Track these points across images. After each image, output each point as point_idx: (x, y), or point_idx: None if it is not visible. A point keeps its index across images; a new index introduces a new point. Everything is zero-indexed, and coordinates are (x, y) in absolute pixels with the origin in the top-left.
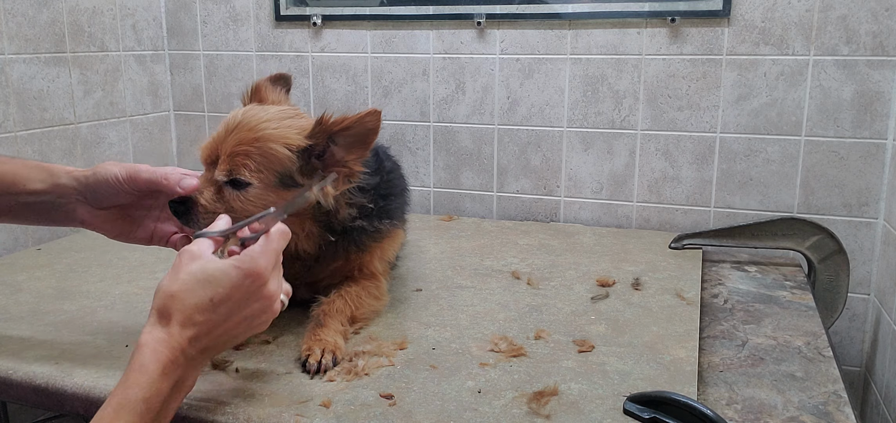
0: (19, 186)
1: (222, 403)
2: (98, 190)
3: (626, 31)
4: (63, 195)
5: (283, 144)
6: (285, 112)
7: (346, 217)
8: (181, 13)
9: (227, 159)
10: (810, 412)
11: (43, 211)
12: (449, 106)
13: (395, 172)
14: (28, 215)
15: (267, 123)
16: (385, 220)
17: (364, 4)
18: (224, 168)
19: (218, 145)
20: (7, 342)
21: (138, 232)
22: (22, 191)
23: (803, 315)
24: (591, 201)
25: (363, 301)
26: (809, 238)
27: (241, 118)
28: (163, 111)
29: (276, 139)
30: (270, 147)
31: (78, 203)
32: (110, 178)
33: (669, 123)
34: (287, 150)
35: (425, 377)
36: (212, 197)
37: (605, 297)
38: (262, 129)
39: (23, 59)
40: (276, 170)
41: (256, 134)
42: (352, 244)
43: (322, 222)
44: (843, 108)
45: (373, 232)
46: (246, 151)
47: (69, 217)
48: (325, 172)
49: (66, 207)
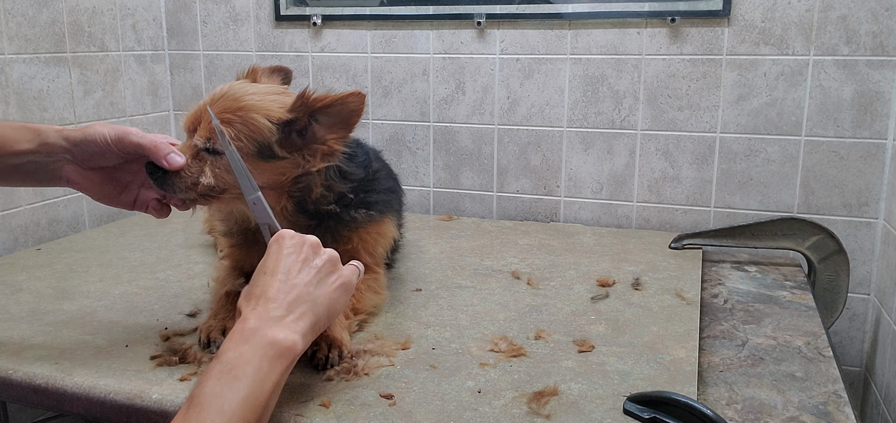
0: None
1: None
2: (86, 149)
3: (626, 31)
4: (51, 154)
5: (264, 115)
6: (273, 89)
7: (321, 199)
8: (181, 13)
9: (208, 126)
10: (810, 412)
11: (29, 172)
12: (449, 106)
13: (383, 172)
14: (13, 176)
15: (251, 95)
16: (361, 210)
17: (364, 4)
18: (204, 134)
19: (201, 113)
20: (7, 342)
21: (123, 196)
22: (8, 153)
23: (803, 315)
24: (591, 201)
25: (364, 294)
26: (809, 238)
27: (226, 89)
28: (163, 111)
29: (258, 110)
30: (251, 117)
31: (65, 162)
32: (98, 138)
33: (669, 123)
34: (267, 121)
35: (425, 376)
36: (190, 162)
37: (605, 297)
38: (246, 100)
39: (23, 60)
40: (255, 139)
41: (239, 104)
42: (328, 235)
43: (296, 198)
44: (843, 108)
45: (348, 221)
46: (227, 119)
47: (56, 176)
48: (306, 150)
49: (53, 167)
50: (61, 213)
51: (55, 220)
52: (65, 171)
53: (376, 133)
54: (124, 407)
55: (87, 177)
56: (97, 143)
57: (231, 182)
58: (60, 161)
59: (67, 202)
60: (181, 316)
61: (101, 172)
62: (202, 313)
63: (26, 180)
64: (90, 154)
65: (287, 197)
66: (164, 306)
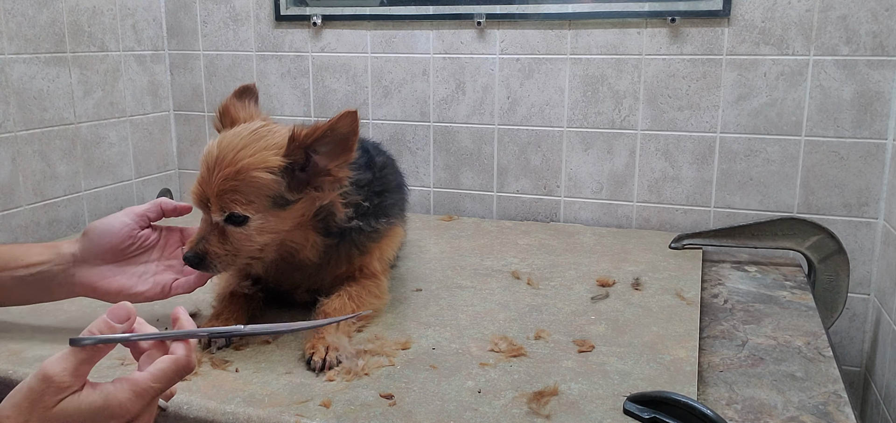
0: (18, 261)
1: (222, 403)
2: (94, 236)
3: (626, 31)
4: (61, 262)
5: (264, 169)
6: (257, 133)
7: (343, 218)
8: (181, 13)
9: (217, 199)
10: (810, 412)
11: (41, 283)
12: (449, 106)
13: (389, 167)
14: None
15: (243, 151)
16: (382, 219)
17: (364, 4)
18: (217, 209)
19: (205, 188)
20: (7, 342)
21: (139, 286)
22: (20, 265)
23: (803, 315)
24: (591, 201)
25: (364, 300)
26: (809, 238)
27: (216, 153)
28: (163, 111)
29: (256, 166)
30: (253, 176)
31: (76, 266)
32: (107, 220)
33: (669, 123)
34: (269, 174)
35: (425, 376)
36: (218, 241)
37: (605, 297)
38: (240, 159)
39: (23, 60)
40: (266, 195)
41: (236, 167)
42: (353, 248)
43: (321, 228)
44: (843, 108)
45: (371, 232)
46: (233, 187)
47: (68, 284)
48: (313, 183)
49: (64, 276)
50: (61, 213)
51: (55, 220)
52: (77, 277)
53: (376, 133)
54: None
55: (101, 275)
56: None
57: (266, 240)
58: (71, 267)
59: (67, 202)
60: None
61: (113, 268)
62: (202, 313)
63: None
64: (98, 237)
65: (313, 231)
66: (164, 306)
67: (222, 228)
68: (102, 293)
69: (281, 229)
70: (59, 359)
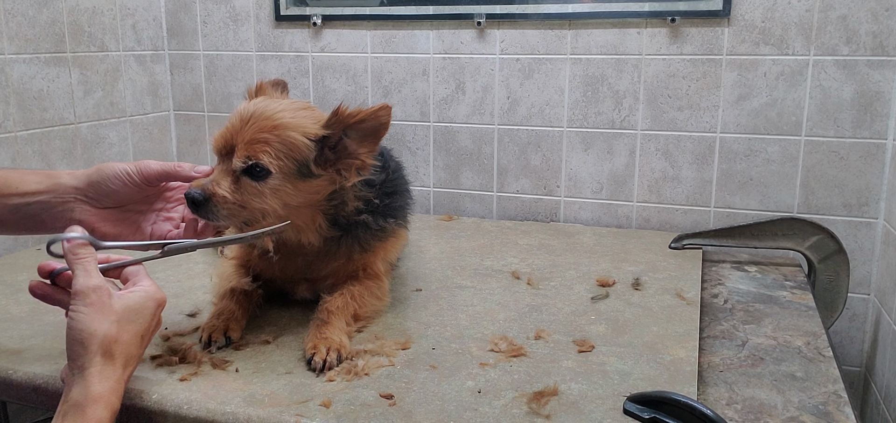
0: (11, 188)
1: (222, 403)
2: (102, 185)
3: (626, 31)
4: (61, 194)
5: (302, 133)
6: (297, 103)
7: (353, 210)
8: (181, 13)
9: (246, 147)
10: (810, 412)
11: (35, 215)
12: (449, 106)
13: (399, 172)
14: (17, 221)
15: (283, 112)
16: (389, 219)
17: (364, 4)
18: (242, 155)
19: (234, 134)
20: (7, 342)
21: (136, 235)
22: (13, 193)
23: (803, 315)
24: (591, 201)
25: (366, 300)
26: (809, 238)
27: (254, 109)
28: (163, 111)
29: (295, 127)
30: (289, 135)
31: (77, 203)
32: (119, 170)
33: (669, 123)
34: (305, 138)
35: (425, 377)
36: (230, 187)
37: (605, 297)
38: (280, 117)
39: (23, 60)
40: (295, 158)
41: (274, 122)
42: (355, 244)
43: (329, 214)
44: (843, 108)
45: (377, 231)
46: (265, 139)
47: (65, 218)
48: (338, 165)
49: (62, 209)
50: None
51: None
52: (76, 213)
53: None
54: (124, 407)
55: (99, 216)
56: (117, 175)
57: (276, 206)
58: (71, 202)
59: None
60: (181, 316)
61: (114, 212)
62: (202, 313)
63: (31, 225)
64: (106, 192)
65: (321, 214)
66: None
67: (238, 177)
68: (100, 235)
69: (293, 200)
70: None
